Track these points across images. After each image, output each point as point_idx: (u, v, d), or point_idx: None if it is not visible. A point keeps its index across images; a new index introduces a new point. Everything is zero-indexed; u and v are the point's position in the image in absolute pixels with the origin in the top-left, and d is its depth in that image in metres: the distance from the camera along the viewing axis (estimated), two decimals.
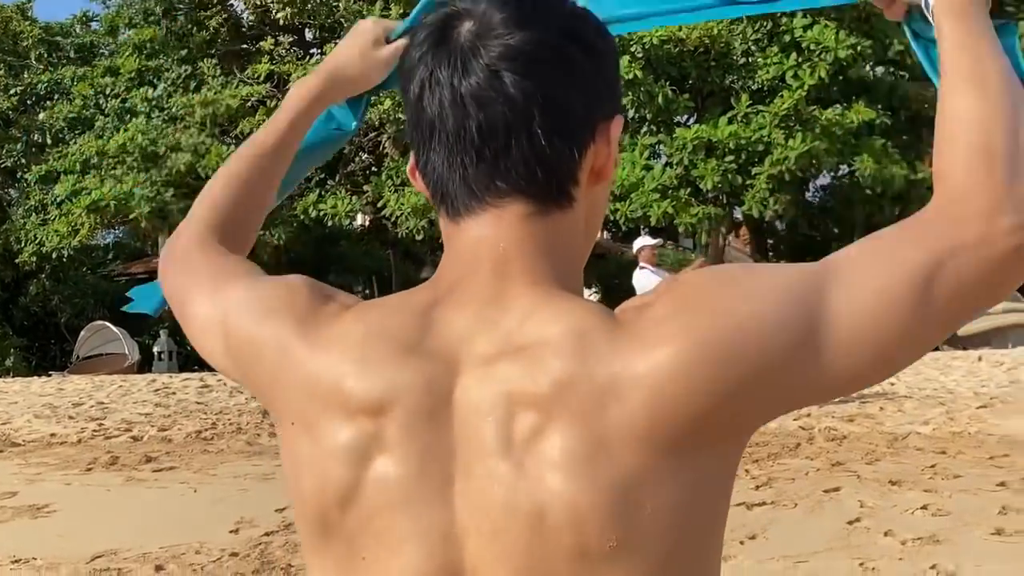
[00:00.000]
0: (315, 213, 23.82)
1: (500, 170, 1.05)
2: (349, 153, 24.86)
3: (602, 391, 0.95)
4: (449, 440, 1.00)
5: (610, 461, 0.95)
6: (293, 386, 1.07)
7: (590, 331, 0.99)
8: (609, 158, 1.10)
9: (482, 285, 1.06)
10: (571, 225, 1.10)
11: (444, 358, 1.02)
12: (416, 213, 22.16)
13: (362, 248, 30.40)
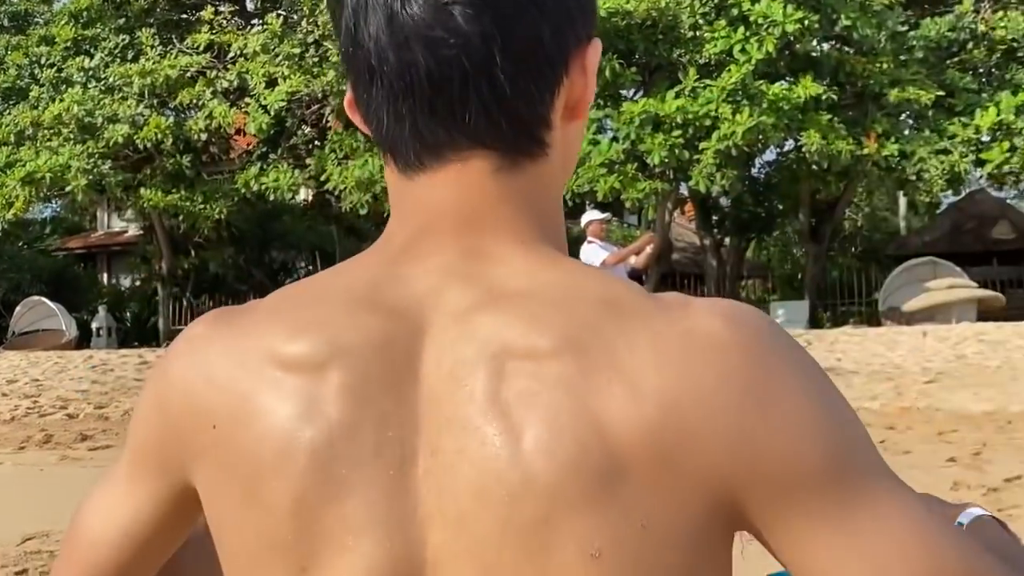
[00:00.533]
0: (257, 187, 23.56)
1: (457, 122, 0.89)
2: (292, 126, 24.55)
3: (620, 368, 0.80)
4: (411, 411, 0.84)
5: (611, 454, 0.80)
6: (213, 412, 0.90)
7: (623, 296, 0.85)
8: (586, 90, 0.95)
9: (449, 239, 0.91)
10: (546, 176, 0.95)
11: (404, 314, 0.87)
12: (360, 187, 21.93)
13: (305, 223, 30.31)
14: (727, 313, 0.84)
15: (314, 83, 22.29)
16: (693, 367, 0.80)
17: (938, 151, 21.74)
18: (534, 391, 0.80)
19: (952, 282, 21.09)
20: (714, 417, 0.79)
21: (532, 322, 0.83)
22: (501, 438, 0.80)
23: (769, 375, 0.81)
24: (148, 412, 0.96)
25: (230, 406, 0.88)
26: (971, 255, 27.51)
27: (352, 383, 0.85)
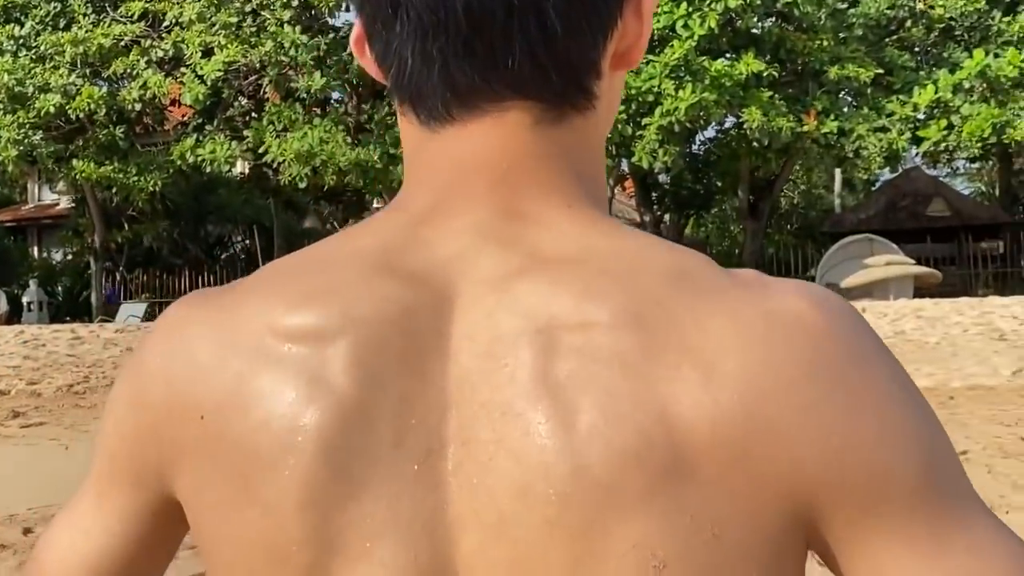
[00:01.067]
0: (193, 159, 23.13)
1: (498, 68, 0.76)
2: (228, 97, 24.17)
3: (691, 348, 0.68)
4: (438, 394, 0.72)
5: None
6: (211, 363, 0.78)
7: (693, 267, 0.73)
8: (640, 37, 0.83)
9: (482, 198, 0.78)
10: (592, 131, 0.82)
11: (427, 281, 0.75)
12: (299, 160, 21.62)
13: (241, 196, 29.90)
14: (815, 296, 0.72)
15: (252, 53, 21.92)
16: (779, 352, 0.68)
17: (876, 129, 21.96)
18: (589, 372, 0.68)
19: (890, 259, 21.31)
20: (803, 412, 0.67)
21: (586, 293, 0.70)
22: (549, 426, 0.68)
23: (863, 371, 0.69)
24: (119, 413, 0.83)
25: (220, 392, 0.75)
26: (905, 232, 27.88)
27: (366, 361, 0.72)
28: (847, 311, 0.72)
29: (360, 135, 22.63)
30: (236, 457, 0.73)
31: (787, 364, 0.67)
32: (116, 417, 0.83)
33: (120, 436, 0.82)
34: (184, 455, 0.76)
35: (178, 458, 0.77)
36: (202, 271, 28.95)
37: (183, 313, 0.81)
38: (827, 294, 0.73)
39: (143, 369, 0.81)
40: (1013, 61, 21.11)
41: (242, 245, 32.80)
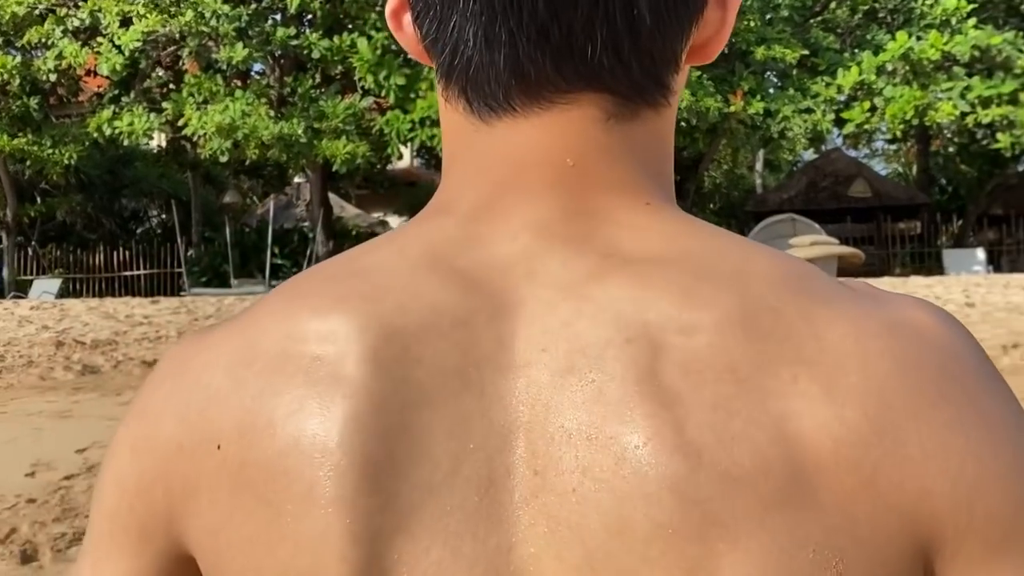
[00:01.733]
0: (110, 131, 22.57)
1: (574, 58, 0.68)
2: (146, 68, 23.63)
3: (809, 360, 0.61)
4: (502, 415, 0.63)
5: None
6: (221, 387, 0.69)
7: (803, 273, 0.66)
8: (723, 28, 0.75)
9: (545, 195, 0.70)
10: (665, 128, 0.75)
11: (485, 285, 0.67)
12: (221, 133, 21.22)
13: (158, 170, 29.35)
14: (936, 310, 0.66)
15: (171, 23, 21.43)
16: (908, 366, 0.61)
17: (802, 110, 22.25)
18: (694, 387, 0.60)
19: (815, 239, 21.55)
20: (935, 435, 0.60)
21: (685, 297, 0.63)
22: (649, 450, 0.60)
23: (994, 395, 0.63)
24: (119, 464, 0.72)
25: (238, 414, 0.66)
26: (826, 212, 28.37)
27: (415, 376, 0.64)
28: (965, 329, 0.67)
29: (283, 108, 22.29)
30: (262, 486, 0.64)
31: (918, 380, 0.61)
32: (116, 469, 0.73)
33: (121, 489, 0.72)
34: (198, 492, 0.67)
35: (191, 497, 0.67)
36: (117, 246, 28.40)
37: (188, 345, 0.73)
38: (943, 310, 0.67)
39: (146, 410, 0.72)
40: (935, 44, 21.46)
41: (158, 219, 32.24)
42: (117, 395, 9.69)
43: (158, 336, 13.80)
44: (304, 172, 25.69)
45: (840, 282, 0.67)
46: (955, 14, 22.24)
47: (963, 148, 29.87)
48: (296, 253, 26.45)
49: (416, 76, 21.70)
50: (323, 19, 22.24)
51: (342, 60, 21.78)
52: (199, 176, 28.65)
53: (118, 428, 0.75)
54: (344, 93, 22.94)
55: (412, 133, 21.70)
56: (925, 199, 29.95)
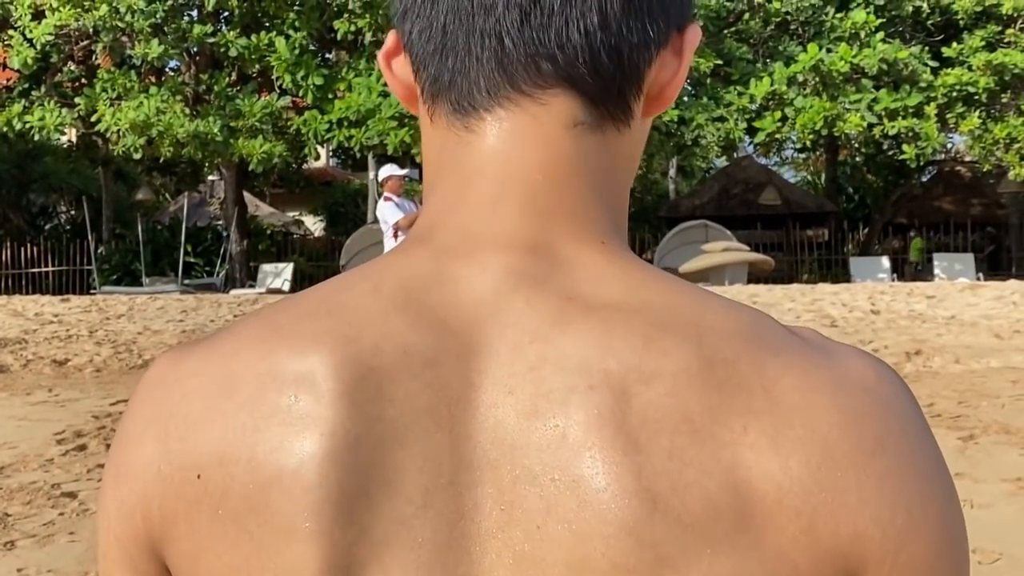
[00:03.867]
0: (20, 125, 21.98)
1: (550, 45, 0.73)
2: (57, 62, 23.12)
3: (759, 411, 0.65)
4: (471, 453, 0.66)
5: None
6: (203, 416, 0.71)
7: (755, 326, 0.69)
8: (677, 76, 0.79)
9: (510, 226, 0.73)
10: (623, 156, 0.79)
11: (454, 326, 0.69)
12: (135, 130, 20.83)
13: (68, 165, 28.68)
14: (878, 364, 0.70)
15: (85, 17, 20.99)
16: (850, 421, 0.65)
17: (715, 118, 22.48)
18: (651, 434, 0.63)
19: (727, 245, 21.87)
20: (871, 486, 0.65)
21: (645, 348, 0.65)
22: (609, 494, 0.63)
23: (927, 452, 0.68)
24: (104, 490, 0.74)
25: (220, 446, 0.68)
26: (737, 218, 28.74)
27: (388, 415, 0.66)
28: (904, 384, 0.70)
29: (199, 106, 21.96)
30: (244, 518, 0.66)
31: (859, 432, 0.65)
32: (102, 498, 0.75)
33: (107, 517, 0.74)
34: (176, 518, 0.69)
35: (169, 522, 0.69)
36: (24, 242, 27.76)
37: (168, 368, 0.74)
38: (885, 363, 0.71)
39: (127, 437, 0.73)
40: (845, 56, 21.89)
41: (68, 216, 31.56)
42: (27, 394, 9.47)
43: (69, 335, 13.54)
44: (219, 170, 25.36)
45: (790, 331, 0.70)
46: (864, 28, 22.72)
47: (870, 158, 30.51)
48: (210, 252, 26.08)
49: (334, 77, 21.57)
50: (241, 17, 21.99)
51: (260, 59, 21.55)
52: (111, 172, 28.09)
53: (111, 448, 0.77)
54: (261, 92, 22.71)
55: (329, 134, 21.52)
56: (833, 207, 30.46)
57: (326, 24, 21.85)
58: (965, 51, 23.01)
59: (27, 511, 5.71)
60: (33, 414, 8.47)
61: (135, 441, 0.72)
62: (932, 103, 22.30)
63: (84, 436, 7.54)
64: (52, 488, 6.12)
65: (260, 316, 0.73)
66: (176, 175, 30.95)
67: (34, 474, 6.51)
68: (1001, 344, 11.82)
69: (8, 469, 6.62)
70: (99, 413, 8.40)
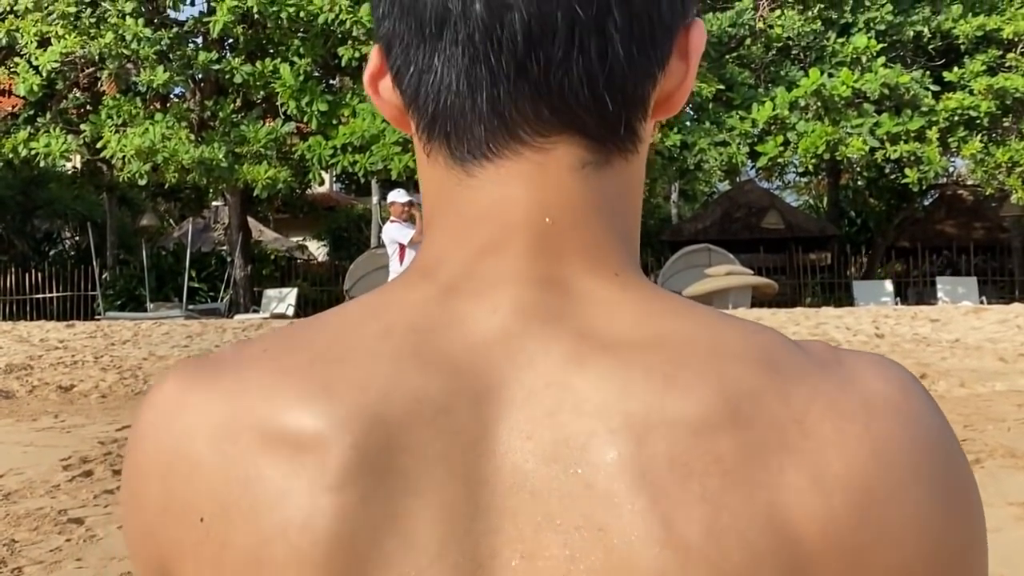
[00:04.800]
0: (26, 152, 22.06)
1: (551, 92, 0.68)
2: (63, 89, 23.21)
3: (794, 447, 0.63)
4: (488, 502, 0.64)
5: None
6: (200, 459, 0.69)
7: (773, 349, 0.66)
8: (685, 80, 0.75)
9: (521, 263, 0.70)
10: (634, 179, 0.75)
11: (467, 370, 0.66)
12: (140, 156, 20.88)
13: (73, 191, 28.74)
14: (901, 378, 0.68)
15: (91, 45, 21.10)
16: (885, 450, 0.64)
17: (717, 143, 22.49)
18: (680, 479, 0.61)
19: (730, 268, 21.85)
20: (914, 516, 0.63)
21: (666, 387, 0.63)
22: (640, 544, 0.60)
23: (959, 470, 0.67)
24: (125, 516, 0.74)
25: (222, 494, 0.66)
26: (740, 242, 28.72)
27: (400, 465, 0.64)
28: (924, 391, 0.68)
29: (204, 132, 22.03)
30: (243, 571, 0.65)
31: (895, 463, 0.63)
32: (124, 523, 0.74)
33: (130, 542, 0.73)
34: (185, 558, 0.68)
35: (179, 559, 0.68)
36: (29, 268, 27.79)
37: (171, 396, 0.71)
38: (901, 369, 0.69)
39: (134, 464, 0.72)
40: (846, 81, 21.92)
41: (72, 242, 31.60)
42: (33, 421, 9.46)
43: (74, 361, 13.55)
44: (223, 195, 25.40)
45: (800, 348, 0.68)
46: (865, 53, 22.76)
47: (872, 182, 30.51)
48: (214, 277, 26.09)
49: (338, 103, 21.63)
50: (246, 44, 22.08)
51: (264, 85, 21.62)
52: (115, 198, 28.15)
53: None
54: (266, 118, 22.77)
55: (334, 159, 21.56)
56: (835, 231, 30.41)
57: (330, 51, 21.94)
58: (966, 75, 23.05)
59: (34, 537, 5.71)
60: (39, 440, 8.47)
61: (141, 474, 0.71)
62: (934, 127, 22.31)
63: (90, 462, 7.53)
64: (59, 514, 6.12)
65: (269, 351, 0.70)
66: (180, 201, 31.00)
67: (41, 500, 6.51)
68: (1006, 368, 11.80)
69: (15, 495, 6.62)
70: (105, 439, 8.40)
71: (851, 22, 23.82)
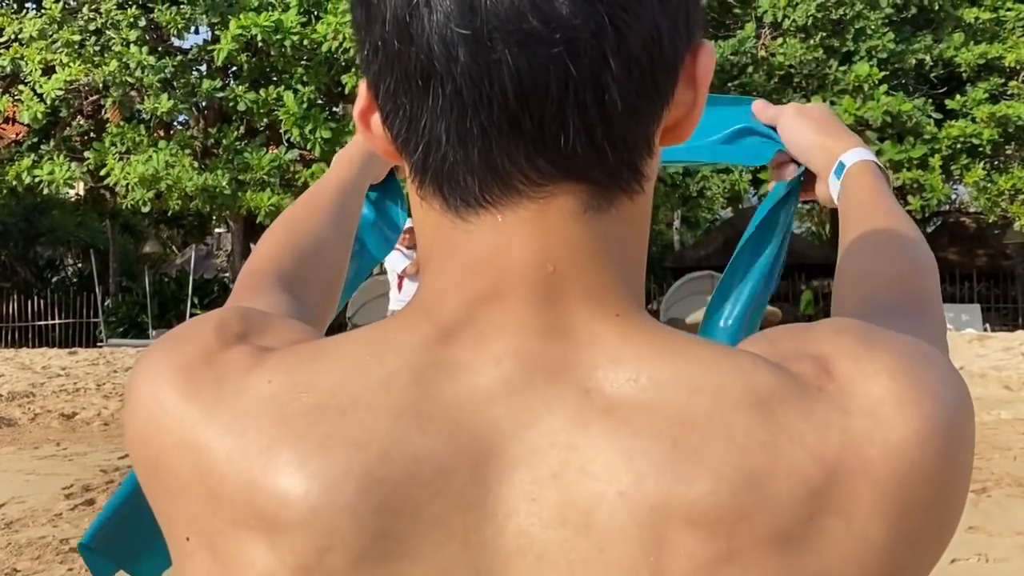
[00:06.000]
0: (29, 179, 22.08)
1: (547, 147, 0.66)
2: (67, 117, 23.28)
3: (814, 493, 0.61)
4: (490, 563, 0.63)
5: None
6: (186, 482, 0.68)
7: (768, 389, 0.64)
8: (694, 108, 0.72)
9: (522, 310, 0.67)
10: (639, 216, 0.72)
11: (467, 425, 0.64)
12: (143, 183, 20.90)
13: (76, 218, 28.78)
14: (887, 369, 0.65)
15: (95, 72, 21.17)
16: (905, 496, 0.63)
17: (720, 170, 22.55)
18: (702, 539, 0.60)
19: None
20: (922, 554, 0.64)
21: (674, 447, 0.61)
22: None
23: (956, 509, 0.66)
24: None
25: (205, 530, 0.67)
26: None
27: (395, 527, 0.62)
28: (911, 365, 0.66)
29: (208, 159, 22.08)
30: None
31: (914, 506, 0.63)
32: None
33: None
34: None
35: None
36: (32, 295, 27.80)
37: (165, 402, 0.69)
38: (882, 356, 0.66)
39: (129, 436, 0.73)
40: (848, 109, 21.99)
41: (75, 268, 31.63)
42: (35, 448, 9.44)
43: (76, 388, 13.53)
44: (226, 222, 25.44)
45: (793, 376, 0.65)
46: (867, 81, 22.83)
47: None
48: (216, 304, 25.90)
49: (341, 130, 21.69)
50: (249, 72, 22.15)
51: (268, 113, 21.69)
52: (118, 225, 28.20)
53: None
54: (269, 145, 22.83)
55: None
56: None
57: (334, 78, 22.01)
58: (968, 103, 23.11)
59: (36, 567, 5.68)
60: (41, 468, 8.44)
61: (129, 441, 0.72)
62: (936, 155, 22.36)
63: (92, 490, 7.51)
64: (61, 543, 6.09)
65: (273, 384, 0.68)
66: (183, 228, 31.05)
67: (43, 529, 6.48)
68: (1011, 396, 11.77)
69: (17, 524, 6.59)
70: (107, 467, 8.37)
71: (853, 50, 23.88)
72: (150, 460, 0.70)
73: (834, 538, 0.61)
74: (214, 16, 21.46)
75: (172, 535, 0.70)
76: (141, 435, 0.71)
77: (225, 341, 0.71)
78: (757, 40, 24.40)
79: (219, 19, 21.45)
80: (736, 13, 24.87)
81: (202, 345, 0.71)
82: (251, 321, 0.74)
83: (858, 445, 0.62)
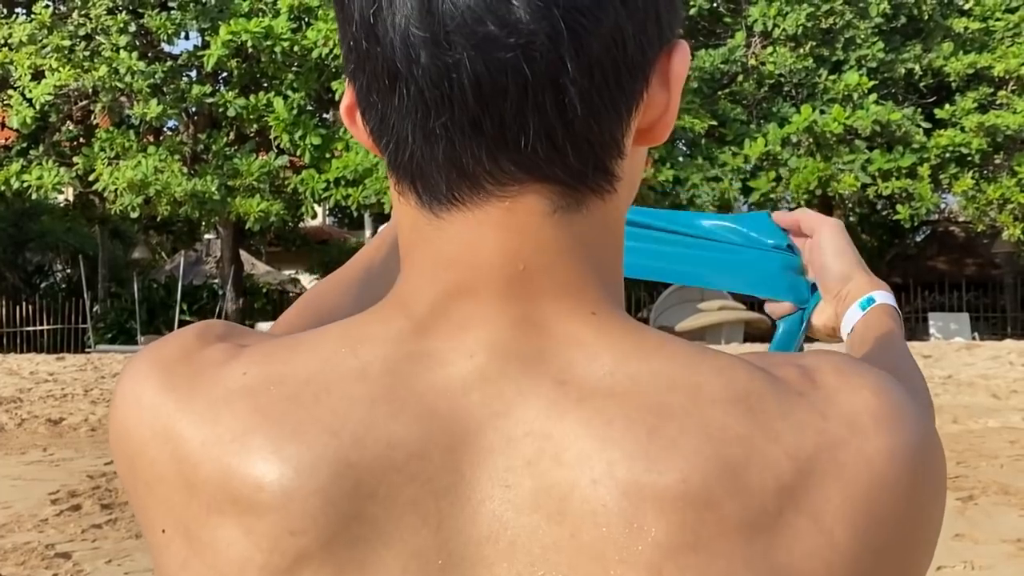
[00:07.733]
0: (18, 185, 22.05)
1: (508, 148, 0.66)
2: (56, 122, 23.25)
3: (785, 489, 0.61)
4: (463, 547, 0.63)
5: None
6: (162, 473, 0.69)
7: (747, 388, 0.65)
8: (668, 109, 0.71)
9: (495, 304, 0.68)
10: (612, 216, 0.72)
11: (441, 412, 0.65)
12: (133, 188, 20.89)
13: (65, 224, 28.73)
14: (869, 385, 0.67)
15: (84, 78, 21.16)
16: (877, 466, 0.63)
17: (710, 178, 22.61)
18: (671, 528, 0.60)
19: (723, 304, 21.86)
20: (898, 558, 0.64)
21: (649, 436, 0.62)
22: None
23: (936, 521, 0.68)
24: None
25: (184, 518, 0.67)
26: None
27: (367, 511, 0.63)
28: (891, 385, 0.67)
29: (197, 165, 22.07)
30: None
31: (889, 479, 0.63)
32: None
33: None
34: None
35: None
36: (20, 300, 27.73)
37: (142, 393, 0.71)
38: (865, 374, 0.67)
39: (114, 420, 0.74)
40: (838, 118, 22.08)
41: (63, 274, 31.56)
42: (22, 454, 9.42)
43: (64, 394, 13.49)
44: (215, 228, 25.42)
45: (776, 379, 0.66)
46: (857, 90, 22.93)
47: (864, 218, 30.60)
48: (205, 310, 26.03)
49: (331, 137, 21.72)
50: (239, 78, 22.17)
51: (258, 119, 21.70)
52: (107, 231, 28.15)
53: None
54: (259, 151, 22.83)
55: (327, 192, 21.63)
56: None
57: (324, 85, 22.04)
58: (958, 113, 23.23)
59: (21, 572, 5.66)
60: (27, 474, 8.42)
61: (139, 445, 0.71)
62: (925, 164, 22.46)
63: (79, 496, 7.49)
64: (46, 548, 6.07)
65: (248, 376, 0.69)
66: (172, 234, 31.00)
67: (28, 534, 6.46)
68: (999, 404, 11.80)
69: (2, 529, 6.57)
70: (94, 472, 8.35)
71: (843, 59, 23.98)
72: (129, 455, 0.71)
73: (802, 536, 0.61)
74: (204, 22, 21.50)
75: (149, 529, 0.71)
76: (122, 430, 0.72)
77: (205, 341, 0.72)
78: (747, 49, 24.47)
79: (209, 25, 21.49)
80: (727, 22, 24.96)
81: (182, 345, 0.72)
82: (234, 328, 0.74)
83: (833, 449, 0.63)
